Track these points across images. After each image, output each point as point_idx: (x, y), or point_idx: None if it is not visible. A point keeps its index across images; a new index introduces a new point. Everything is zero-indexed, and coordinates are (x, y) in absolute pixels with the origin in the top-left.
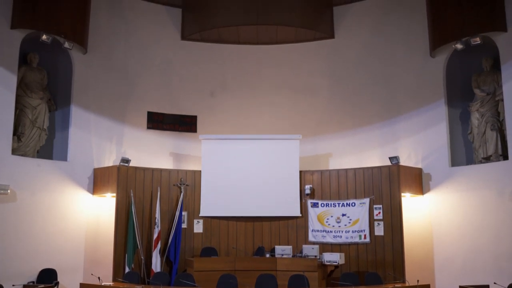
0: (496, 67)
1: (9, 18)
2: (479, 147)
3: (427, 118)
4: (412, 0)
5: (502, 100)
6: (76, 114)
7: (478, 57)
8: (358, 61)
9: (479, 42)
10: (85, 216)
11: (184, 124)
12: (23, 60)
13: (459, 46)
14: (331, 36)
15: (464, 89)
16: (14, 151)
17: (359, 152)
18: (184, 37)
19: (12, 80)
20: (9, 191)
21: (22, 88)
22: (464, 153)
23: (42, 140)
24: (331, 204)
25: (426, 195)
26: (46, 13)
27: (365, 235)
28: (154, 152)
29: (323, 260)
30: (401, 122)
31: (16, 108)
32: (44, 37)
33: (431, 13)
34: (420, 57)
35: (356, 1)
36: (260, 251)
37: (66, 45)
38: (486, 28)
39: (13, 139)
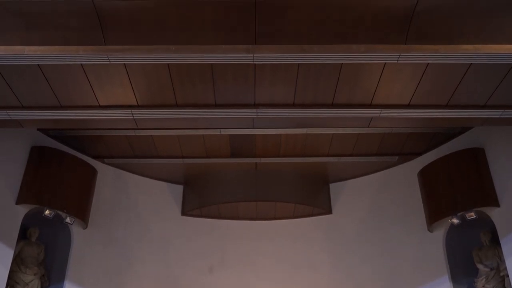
0: (495, 240)
1: (16, 194)
2: None
3: None
4: (405, 176)
5: (507, 275)
6: None
7: (477, 231)
8: (357, 236)
9: (474, 217)
10: None
11: None
12: (23, 235)
13: (455, 220)
14: (329, 211)
15: (467, 264)
16: None
17: None
18: (184, 212)
19: (8, 255)
20: None
21: (17, 263)
22: None
23: None
24: None
25: None
26: (53, 189)
27: None
28: None
29: None
30: None
31: (7, 284)
32: (47, 212)
33: (424, 189)
34: (418, 232)
35: (351, 178)
36: None
37: (68, 220)
38: (479, 204)
39: None
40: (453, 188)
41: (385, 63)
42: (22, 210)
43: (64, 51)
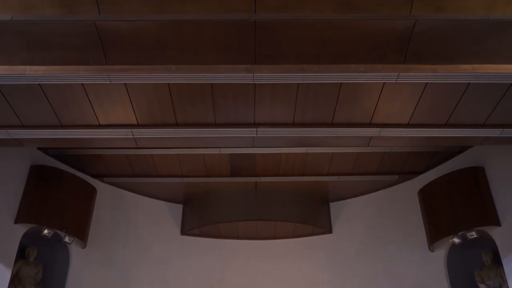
0: (497, 260)
1: (14, 213)
2: None
3: None
4: (405, 195)
5: None
6: None
7: (478, 250)
8: (357, 255)
9: (475, 236)
10: None
11: None
12: (21, 254)
13: (456, 240)
14: (329, 231)
15: (468, 284)
16: None
17: None
18: (183, 232)
19: (6, 275)
20: None
21: (15, 283)
22: None
23: None
24: None
25: None
26: (51, 208)
27: None
28: None
29: None
30: None
31: None
32: (45, 231)
33: (424, 208)
34: (419, 251)
35: (351, 197)
36: None
37: (66, 239)
38: (480, 223)
39: None
40: (453, 207)
41: (384, 82)
42: (21, 229)
43: (65, 71)
